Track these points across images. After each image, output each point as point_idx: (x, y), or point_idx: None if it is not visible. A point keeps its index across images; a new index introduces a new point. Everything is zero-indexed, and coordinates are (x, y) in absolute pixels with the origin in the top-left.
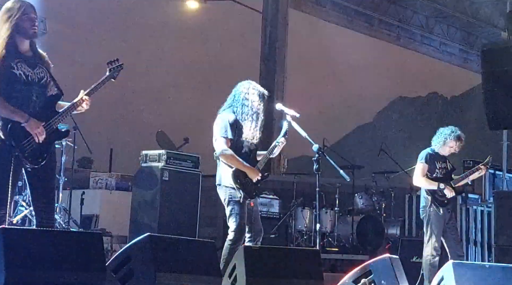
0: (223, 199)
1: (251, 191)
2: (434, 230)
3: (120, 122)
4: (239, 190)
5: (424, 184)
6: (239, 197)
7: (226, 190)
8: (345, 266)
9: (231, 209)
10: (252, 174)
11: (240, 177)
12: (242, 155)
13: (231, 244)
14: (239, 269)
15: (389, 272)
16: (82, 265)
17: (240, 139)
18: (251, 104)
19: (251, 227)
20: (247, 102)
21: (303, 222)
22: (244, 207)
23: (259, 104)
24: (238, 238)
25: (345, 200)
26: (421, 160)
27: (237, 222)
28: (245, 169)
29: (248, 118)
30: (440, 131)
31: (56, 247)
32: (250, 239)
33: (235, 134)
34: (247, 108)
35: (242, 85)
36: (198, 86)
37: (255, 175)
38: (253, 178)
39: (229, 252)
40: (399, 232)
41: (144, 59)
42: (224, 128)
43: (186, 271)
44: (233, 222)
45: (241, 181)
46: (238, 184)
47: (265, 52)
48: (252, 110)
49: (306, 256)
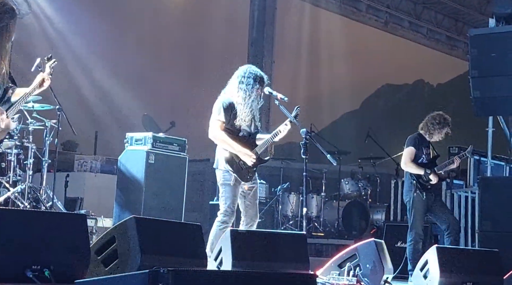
0: (218, 182)
1: (244, 174)
2: (417, 215)
3: (106, 105)
4: (232, 173)
5: (412, 168)
6: (231, 180)
7: (220, 173)
8: (331, 250)
9: (222, 191)
10: (245, 157)
11: (233, 160)
12: (239, 138)
13: (219, 225)
14: (225, 253)
15: (374, 256)
16: (65, 247)
17: (237, 122)
18: (246, 87)
19: (245, 211)
20: (242, 86)
21: (290, 207)
22: (235, 190)
23: (255, 88)
24: (226, 220)
25: (332, 186)
26: (409, 145)
27: (226, 204)
28: (236, 151)
29: (244, 102)
30: (430, 118)
31: (39, 228)
32: (244, 222)
33: (230, 117)
34: (242, 92)
35: (241, 68)
36: (184, 69)
37: (249, 158)
38: (247, 161)
39: (216, 233)
40: (384, 217)
41: (128, 43)
42: (218, 110)
43: (171, 253)
44: (223, 204)
45: (234, 164)
46: (230, 167)
47: (253, 36)
48: (246, 93)
49: (292, 240)
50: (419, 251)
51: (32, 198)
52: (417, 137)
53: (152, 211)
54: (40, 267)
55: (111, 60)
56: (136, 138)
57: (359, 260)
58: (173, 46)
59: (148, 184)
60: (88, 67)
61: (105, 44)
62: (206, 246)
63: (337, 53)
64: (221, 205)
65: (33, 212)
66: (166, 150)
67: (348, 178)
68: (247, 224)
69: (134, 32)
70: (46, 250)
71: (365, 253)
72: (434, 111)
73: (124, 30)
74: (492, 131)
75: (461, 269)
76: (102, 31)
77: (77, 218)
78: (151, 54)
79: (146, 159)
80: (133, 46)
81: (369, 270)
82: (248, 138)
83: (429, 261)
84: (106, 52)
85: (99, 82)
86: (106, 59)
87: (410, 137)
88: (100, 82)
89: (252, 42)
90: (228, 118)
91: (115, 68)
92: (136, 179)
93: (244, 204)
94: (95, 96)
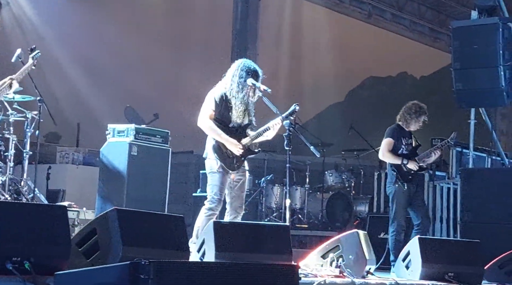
0: (206, 171)
1: (231, 163)
2: (399, 206)
3: (88, 97)
4: (218, 160)
5: (389, 158)
6: (217, 168)
7: (208, 162)
8: (315, 242)
9: (210, 179)
10: (231, 146)
11: (220, 148)
12: (229, 129)
13: (206, 212)
14: (208, 244)
15: (357, 247)
16: (46, 239)
17: (228, 114)
18: (238, 80)
19: (230, 202)
20: (235, 79)
21: (274, 198)
22: (222, 178)
23: (248, 81)
24: (212, 208)
25: (316, 178)
26: (387, 136)
27: (213, 192)
28: (222, 140)
29: (236, 95)
30: (406, 108)
31: (20, 220)
32: (228, 213)
33: (221, 108)
34: (235, 85)
35: (237, 62)
36: (168, 61)
37: (235, 147)
38: (233, 150)
39: (202, 221)
40: (368, 209)
41: (111, 33)
42: (208, 101)
43: (153, 245)
44: (209, 191)
45: (221, 152)
46: (217, 154)
47: (236, 28)
48: (238, 86)
49: (276, 232)
50: (402, 242)
51: (13, 190)
52: (396, 128)
53: (134, 203)
54: (20, 259)
55: (93, 51)
56: (118, 130)
57: (342, 251)
58: (156, 37)
59: (130, 176)
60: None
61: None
62: (188, 238)
63: (321, 45)
64: (208, 193)
65: (13, 204)
66: (148, 142)
67: (332, 170)
68: (232, 215)
69: (115, 23)
70: (26, 242)
71: (348, 244)
72: None
73: (106, 22)
74: (474, 123)
75: (443, 260)
76: (83, 22)
77: (57, 210)
78: (134, 46)
79: (128, 151)
80: (116, 37)
81: (352, 261)
82: (238, 129)
83: (411, 252)
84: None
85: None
86: (88, 50)
87: (388, 128)
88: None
89: (236, 34)
90: (219, 109)
91: (97, 60)
92: (119, 171)
93: (230, 195)
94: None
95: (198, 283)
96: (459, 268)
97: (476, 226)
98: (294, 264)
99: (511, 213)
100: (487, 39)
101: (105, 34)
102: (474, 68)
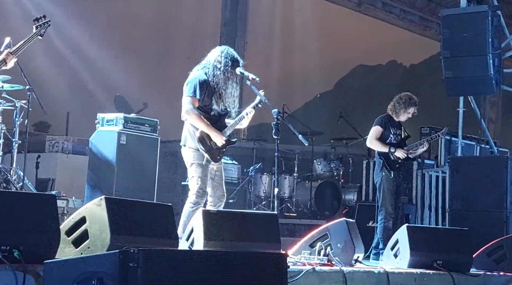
0: (186, 161)
1: (215, 154)
2: (386, 194)
3: (77, 86)
4: (204, 152)
5: (376, 146)
6: (203, 160)
7: (190, 152)
8: (303, 230)
9: (193, 171)
10: (216, 137)
11: (205, 139)
12: (210, 117)
13: (192, 206)
14: (197, 233)
15: (345, 236)
16: (35, 227)
17: (210, 102)
18: (223, 68)
19: (213, 192)
20: (219, 65)
21: (262, 187)
22: (206, 170)
23: (231, 70)
24: (198, 201)
25: (304, 166)
26: (375, 124)
27: (198, 185)
28: (209, 131)
29: (219, 82)
30: (397, 98)
31: (9, 209)
32: (212, 203)
33: (204, 95)
34: (219, 72)
35: (217, 48)
36: (157, 50)
37: (220, 139)
38: (217, 142)
39: (188, 214)
40: (356, 198)
41: (99, 22)
42: (193, 87)
43: (142, 233)
44: (195, 184)
45: (206, 144)
46: (203, 146)
47: (226, 16)
48: (224, 74)
49: (264, 220)
50: (390, 230)
51: (2, 179)
52: (385, 117)
53: (124, 191)
54: (10, 247)
55: (82, 41)
56: (107, 119)
57: (330, 239)
58: (145, 26)
59: (119, 165)
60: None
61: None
62: (177, 227)
63: (310, 34)
64: (192, 185)
65: (2, 193)
66: (137, 131)
67: (320, 158)
68: (216, 204)
69: (104, 12)
70: (15, 231)
71: (336, 233)
72: (405, 91)
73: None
74: (463, 111)
75: (432, 248)
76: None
77: (46, 199)
78: (123, 35)
79: (117, 139)
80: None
81: (340, 249)
82: (218, 118)
83: (399, 240)
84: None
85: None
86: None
87: (378, 117)
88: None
89: (225, 22)
90: (202, 96)
91: (87, 49)
92: (108, 159)
93: (212, 185)
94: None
95: (187, 271)
96: (447, 256)
97: (465, 214)
98: (282, 253)
99: (499, 201)
100: (477, 27)
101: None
102: (464, 56)
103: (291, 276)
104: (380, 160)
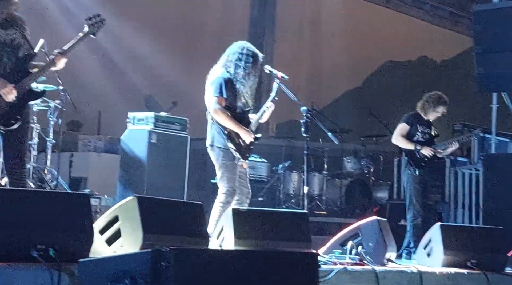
0: (215, 160)
1: (244, 152)
2: (413, 191)
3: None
4: (234, 151)
5: (401, 142)
6: (234, 159)
7: (219, 151)
8: (333, 229)
9: (223, 171)
10: (245, 135)
11: (234, 138)
12: (236, 115)
13: (221, 205)
14: (227, 231)
15: (377, 235)
16: (69, 226)
17: (234, 99)
18: (244, 65)
19: (240, 190)
20: (240, 63)
21: (292, 185)
22: (236, 169)
23: (252, 66)
24: (228, 200)
25: (334, 164)
26: (402, 121)
27: (229, 184)
28: (238, 130)
29: (241, 79)
30: (427, 96)
31: (44, 208)
32: (238, 201)
33: (230, 93)
34: (240, 69)
35: (236, 44)
36: (185, 49)
37: (249, 137)
38: (246, 140)
39: (218, 213)
40: (387, 196)
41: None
42: (219, 86)
43: (173, 232)
44: (225, 183)
45: (235, 142)
46: (233, 145)
47: (254, 15)
48: (244, 71)
49: (294, 219)
50: (420, 228)
51: (36, 178)
52: (413, 115)
53: (154, 190)
54: (45, 246)
55: (113, 41)
56: (138, 118)
57: (362, 238)
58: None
59: (150, 164)
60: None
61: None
62: (208, 225)
63: (338, 31)
64: (222, 185)
65: (37, 192)
66: (168, 130)
67: (350, 156)
68: (242, 202)
69: (133, 12)
70: (50, 230)
71: (368, 232)
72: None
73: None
74: (496, 107)
75: (465, 247)
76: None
77: (81, 198)
78: (152, 35)
79: (148, 138)
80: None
81: (372, 248)
82: (243, 115)
83: (432, 239)
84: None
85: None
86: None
87: (406, 114)
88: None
89: (252, 21)
90: (228, 95)
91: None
92: (139, 158)
93: (239, 182)
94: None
95: (218, 270)
96: (481, 255)
97: (499, 212)
98: (313, 252)
99: None
100: (509, 23)
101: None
102: (496, 52)
103: (322, 275)
104: (406, 158)
